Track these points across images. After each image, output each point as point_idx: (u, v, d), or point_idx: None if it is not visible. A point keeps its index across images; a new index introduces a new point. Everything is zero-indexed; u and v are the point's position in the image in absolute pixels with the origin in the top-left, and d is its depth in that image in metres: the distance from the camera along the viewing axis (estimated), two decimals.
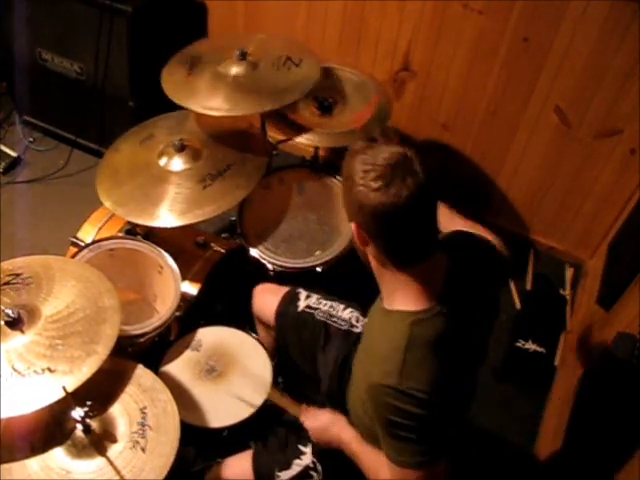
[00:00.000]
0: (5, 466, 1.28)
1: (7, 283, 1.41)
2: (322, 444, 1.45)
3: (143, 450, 1.32)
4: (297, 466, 1.49)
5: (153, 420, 1.37)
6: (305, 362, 1.70)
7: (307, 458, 1.50)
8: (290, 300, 1.76)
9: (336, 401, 1.54)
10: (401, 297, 1.20)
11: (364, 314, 1.69)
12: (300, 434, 1.54)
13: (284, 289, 1.80)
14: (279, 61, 2.01)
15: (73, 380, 1.27)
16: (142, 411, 1.38)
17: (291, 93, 1.93)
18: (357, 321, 1.68)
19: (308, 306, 1.73)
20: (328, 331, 1.67)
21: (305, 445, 1.52)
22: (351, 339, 1.65)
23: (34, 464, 1.29)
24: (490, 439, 2.09)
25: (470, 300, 1.26)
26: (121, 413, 1.38)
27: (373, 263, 1.24)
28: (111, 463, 1.29)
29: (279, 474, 1.49)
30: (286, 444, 1.55)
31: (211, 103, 1.87)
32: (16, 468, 1.28)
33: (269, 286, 1.87)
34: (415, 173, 1.10)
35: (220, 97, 1.89)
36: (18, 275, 1.43)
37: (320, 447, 1.47)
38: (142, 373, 1.46)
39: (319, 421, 1.45)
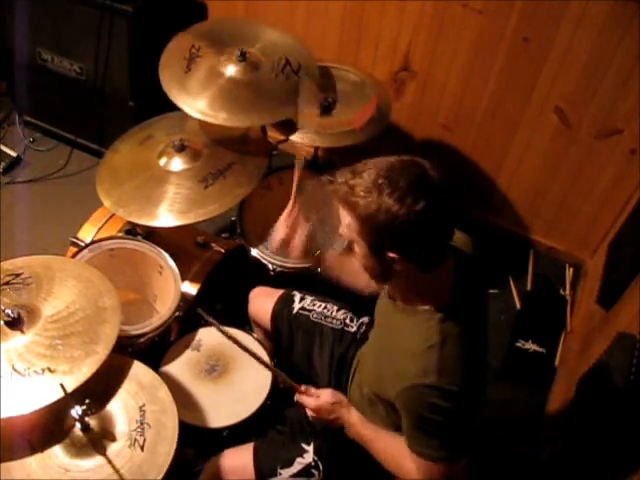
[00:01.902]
0: (4, 465, 1.28)
1: (7, 283, 1.41)
2: (322, 422, 1.46)
3: (142, 448, 1.31)
4: (299, 464, 1.50)
5: (152, 418, 1.36)
6: (302, 363, 1.72)
7: (309, 456, 1.50)
8: (285, 302, 1.78)
9: None
10: (423, 296, 1.21)
11: (356, 314, 1.73)
12: (303, 432, 1.55)
13: (278, 292, 1.82)
14: (278, 65, 2.00)
15: (73, 380, 1.26)
16: (141, 409, 1.37)
17: (289, 106, 1.91)
18: (351, 321, 1.72)
19: (303, 308, 1.75)
20: (323, 331, 1.70)
21: (308, 443, 1.52)
22: (346, 338, 1.68)
23: (33, 462, 1.29)
24: (490, 439, 2.08)
25: (475, 294, 1.30)
26: (120, 411, 1.37)
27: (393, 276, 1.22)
28: (110, 462, 1.28)
29: (281, 471, 1.49)
30: (289, 441, 1.55)
31: (205, 109, 1.86)
32: (15, 466, 1.28)
33: (264, 289, 1.88)
34: (437, 179, 1.11)
35: (214, 104, 1.87)
36: (18, 275, 1.43)
37: (318, 426, 1.48)
38: (141, 370, 1.45)
39: (321, 399, 1.45)
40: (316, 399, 1.46)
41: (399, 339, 1.26)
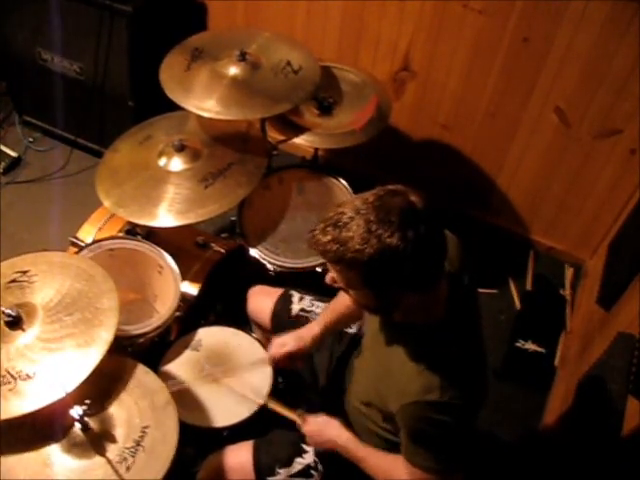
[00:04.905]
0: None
1: (14, 281, 1.39)
2: (319, 446, 1.46)
3: (128, 469, 1.26)
4: (298, 464, 1.49)
5: (150, 443, 1.30)
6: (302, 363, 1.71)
7: (309, 457, 1.50)
8: (283, 303, 1.77)
9: (333, 399, 1.55)
10: (420, 313, 1.19)
11: None
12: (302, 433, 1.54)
13: (277, 291, 1.81)
14: (278, 66, 2.00)
15: (69, 381, 1.25)
16: (143, 430, 1.32)
17: (283, 103, 1.91)
18: None
19: (302, 309, 1.75)
20: None
21: (308, 444, 1.52)
22: (345, 339, 1.68)
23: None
24: (490, 439, 2.09)
25: (468, 304, 1.29)
26: (122, 424, 1.33)
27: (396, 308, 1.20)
28: (109, 462, 1.27)
29: (280, 471, 1.49)
30: (289, 441, 1.55)
31: (204, 104, 1.87)
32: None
33: (262, 288, 1.88)
34: (419, 200, 1.07)
35: (214, 99, 1.88)
36: (25, 272, 1.41)
37: (318, 449, 1.48)
38: (160, 391, 1.39)
39: (314, 425, 1.46)
40: (308, 425, 1.46)
41: (397, 356, 1.24)
